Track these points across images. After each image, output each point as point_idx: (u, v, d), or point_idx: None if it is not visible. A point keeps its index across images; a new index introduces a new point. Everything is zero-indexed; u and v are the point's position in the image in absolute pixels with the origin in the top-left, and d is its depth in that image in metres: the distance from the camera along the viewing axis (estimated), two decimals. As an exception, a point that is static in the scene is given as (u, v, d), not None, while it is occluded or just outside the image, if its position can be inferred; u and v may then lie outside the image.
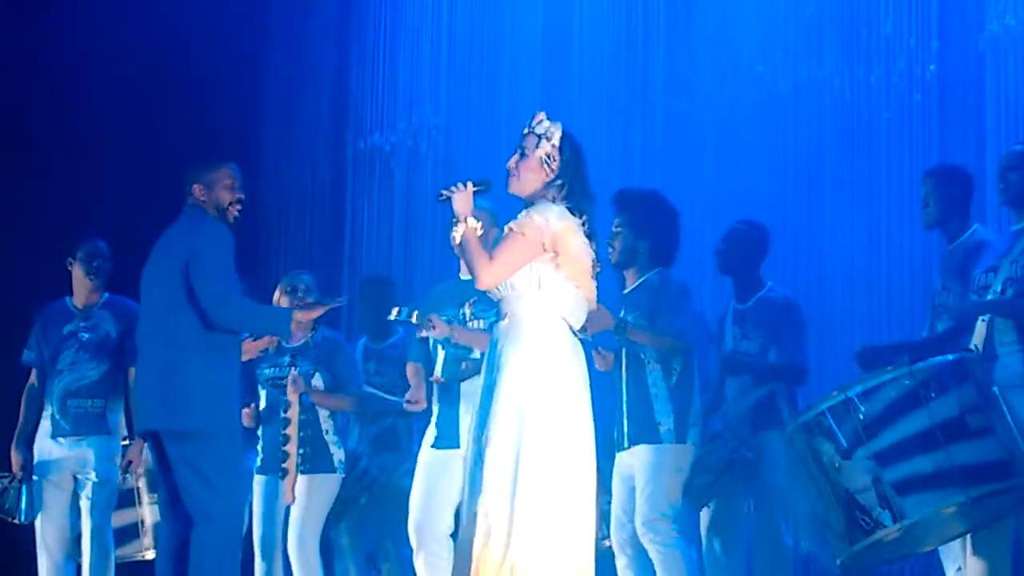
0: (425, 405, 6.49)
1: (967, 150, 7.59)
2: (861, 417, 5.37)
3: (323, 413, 7.21)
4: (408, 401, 6.53)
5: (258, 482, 7.28)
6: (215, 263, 5.85)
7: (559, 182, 5.21)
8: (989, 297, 5.68)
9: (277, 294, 7.33)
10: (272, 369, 7.28)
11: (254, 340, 6.39)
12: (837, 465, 5.41)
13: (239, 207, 6.09)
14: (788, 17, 8.63)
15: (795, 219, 8.33)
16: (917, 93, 8.16)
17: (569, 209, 5.17)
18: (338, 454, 7.21)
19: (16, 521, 7.24)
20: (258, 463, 7.29)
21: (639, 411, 6.40)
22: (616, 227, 6.55)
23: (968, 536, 5.67)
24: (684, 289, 6.58)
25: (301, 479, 7.07)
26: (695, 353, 6.52)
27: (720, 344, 6.97)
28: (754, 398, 6.71)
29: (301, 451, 7.07)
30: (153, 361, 5.94)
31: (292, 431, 7.03)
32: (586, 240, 5.17)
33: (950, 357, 5.47)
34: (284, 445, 7.02)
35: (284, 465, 7.01)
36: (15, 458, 7.23)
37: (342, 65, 10.67)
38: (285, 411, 7.08)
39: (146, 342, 6.01)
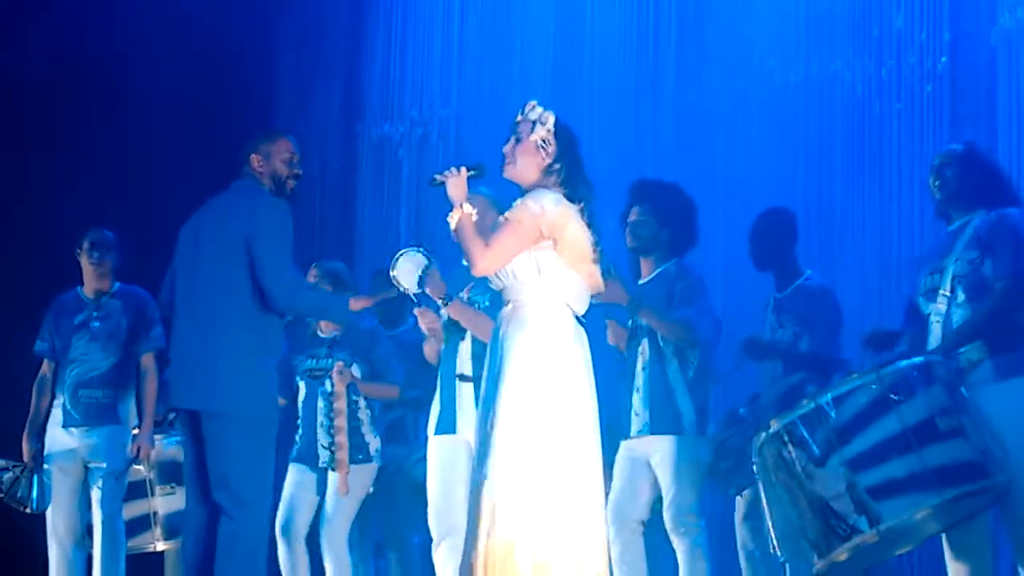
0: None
1: (978, 142, 7.30)
2: (833, 424, 5.38)
3: (361, 404, 7.25)
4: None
5: (292, 470, 7.28)
6: (280, 246, 5.79)
7: (556, 166, 5.22)
8: (939, 298, 5.72)
9: (313, 278, 7.30)
10: (311, 360, 7.29)
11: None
12: (811, 473, 5.42)
13: (295, 181, 6.04)
14: (800, 10, 8.66)
15: (806, 210, 8.22)
16: (928, 85, 8.16)
17: (567, 196, 5.18)
18: (374, 443, 7.25)
19: (27, 510, 7.30)
20: (294, 453, 7.30)
21: (661, 401, 6.40)
22: (639, 215, 6.56)
23: (946, 541, 5.71)
24: (700, 281, 6.60)
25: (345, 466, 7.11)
26: (707, 347, 6.54)
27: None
28: (785, 386, 6.71)
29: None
30: (194, 338, 5.86)
31: (342, 422, 7.07)
32: (585, 226, 5.18)
33: (917, 360, 5.48)
34: (334, 437, 7.05)
35: (337, 456, 7.03)
36: (26, 447, 7.29)
37: (354, 56, 10.75)
38: (333, 402, 7.10)
39: (190, 317, 5.91)
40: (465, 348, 6.31)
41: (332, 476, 7.14)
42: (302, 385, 7.30)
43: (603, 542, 5.14)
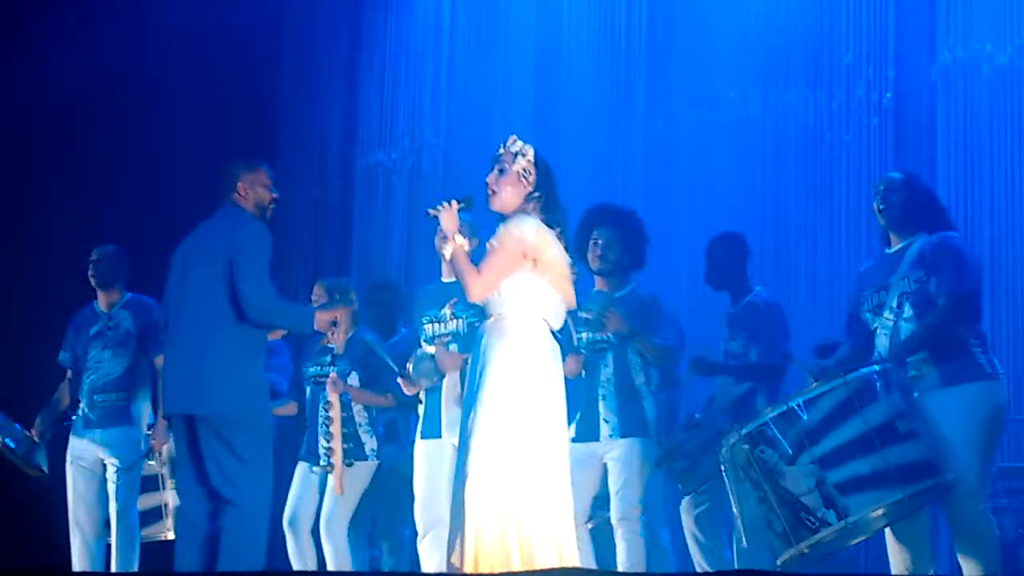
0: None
1: (920, 171, 7.40)
2: (803, 425, 5.52)
3: (357, 407, 7.46)
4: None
5: (299, 468, 7.57)
6: (257, 264, 5.95)
7: (536, 194, 5.42)
8: (887, 313, 5.90)
9: (318, 292, 7.57)
10: (315, 368, 7.55)
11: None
12: (782, 471, 5.55)
13: (274, 205, 6.23)
14: (758, 47, 8.95)
15: (763, 232, 8.59)
16: (875, 118, 8.48)
17: (545, 221, 5.41)
18: (370, 443, 7.47)
19: (38, 474, 7.45)
20: (301, 452, 7.58)
21: (628, 406, 6.60)
22: (606, 239, 6.75)
23: (890, 529, 5.91)
24: (660, 302, 6.87)
25: (338, 469, 7.35)
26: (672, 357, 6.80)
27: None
28: (736, 393, 6.90)
29: (343, 446, 7.34)
30: (185, 349, 6.02)
31: (335, 429, 7.29)
32: (562, 249, 5.42)
33: (876, 368, 5.64)
34: (328, 442, 7.29)
35: (331, 460, 7.26)
36: (38, 424, 7.44)
37: (351, 88, 10.90)
38: (327, 410, 7.35)
39: (178, 330, 6.09)
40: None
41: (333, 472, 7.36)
42: (308, 391, 7.59)
43: (572, 530, 5.34)
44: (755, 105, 8.95)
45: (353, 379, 7.48)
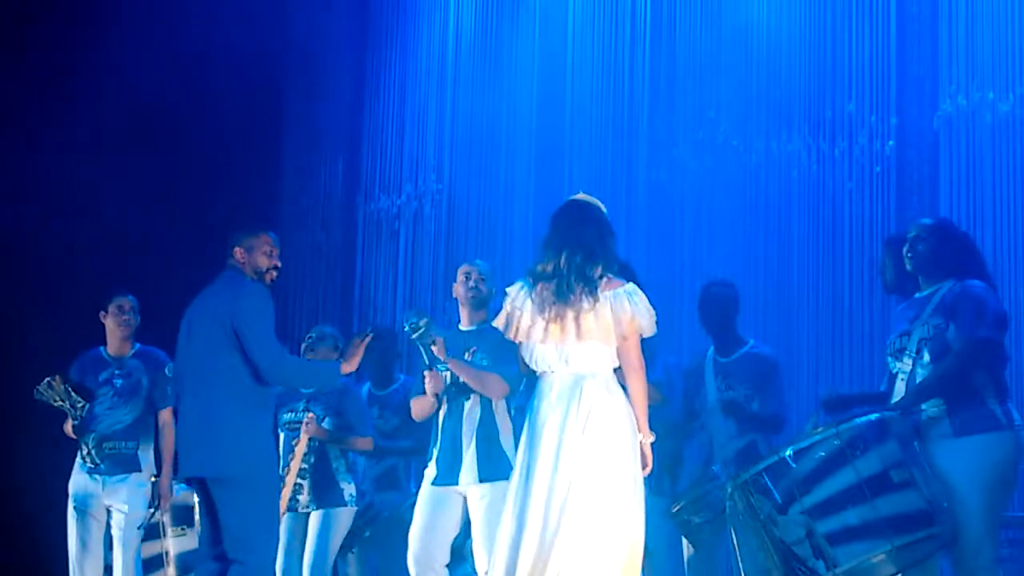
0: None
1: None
2: (794, 475, 5.61)
3: (333, 452, 7.47)
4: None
5: (284, 518, 7.42)
6: (263, 326, 6.01)
7: None
8: (905, 358, 5.94)
9: (304, 348, 7.59)
10: (289, 414, 7.54)
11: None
12: (775, 520, 5.64)
13: (275, 272, 6.25)
14: (760, 95, 8.95)
15: (766, 279, 8.63)
16: (877, 166, 8.47)
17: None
18: (348, 488, 7.47)
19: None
20: (292, 504, 7.50)
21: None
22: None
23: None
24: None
25: (315, 514, 7.40)
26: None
27: (700, 392, 7.21)
28: (739, 444, 6.97)
29: (313, 487, 7.37)
30: (195, 413, 6.11)
31: (295, 465, 7.34)
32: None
33: (872, 417, 5.70)
34: (285, 477, 7.29)
35: (285, 479, 7.25)
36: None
37: (354, 136, 10.97)
38: (295, 446, 7.38)
39: (187, 394, 6.18)
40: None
41: (313, 518, 7.41)
42: (281, 437, 7.54)
43: None
44: (758, 153, 8.94)
45: (327, 424, 7.51)
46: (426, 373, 6.52)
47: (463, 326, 6.76)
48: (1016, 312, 7.81)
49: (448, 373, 6.52)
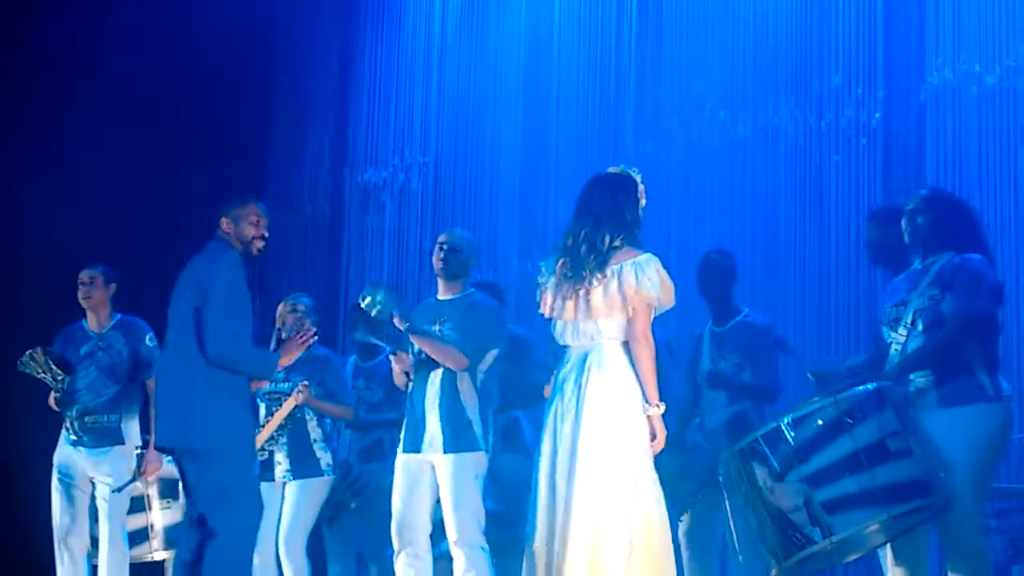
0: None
1: (908, 191, 7.63)
2: (792, 443, 5.58)
3: (311, 423, 7.48)
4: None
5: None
6: (225, 304, 5.94)
7: None
8: (900, 328, 5.92)
9: (280, 309, 7.56)
10: (270, 384, 7.36)
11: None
12: (771, 487, 5.62)
13: (262, 243, 6.18)
14: (747, 68, 8.98)
15: (752, 251, 8.64)
16: (863, 138, 8.49)
17: None
18: (324, 458, 7.47)
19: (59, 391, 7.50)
20: (257, 470, 7.45)
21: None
22: None
23: (889, 547, 5.95)
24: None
25: (292, 484, 7.40)
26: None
27: (697, 362, 7.27)
28: (728, 414, 7.05)
29: (290, 457, 7.38)
30: (167, 383, 6.13)
31: (269, 427, 7.34)
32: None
33: (870, 387, 5.68)
34: (260, 425, 7.28)
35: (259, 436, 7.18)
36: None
37: (341, 108, 11.01)
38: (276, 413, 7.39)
39: (164, 367, 6.22)
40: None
41: (290, 489, 7.40)
42: (262, 407, 7.51)
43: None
44: (745, 126, 8.97)
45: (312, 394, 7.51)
46: (391, 357, 6.67)
47: (439, 296, 6.83)
48: (1003, 278, 7.73)
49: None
